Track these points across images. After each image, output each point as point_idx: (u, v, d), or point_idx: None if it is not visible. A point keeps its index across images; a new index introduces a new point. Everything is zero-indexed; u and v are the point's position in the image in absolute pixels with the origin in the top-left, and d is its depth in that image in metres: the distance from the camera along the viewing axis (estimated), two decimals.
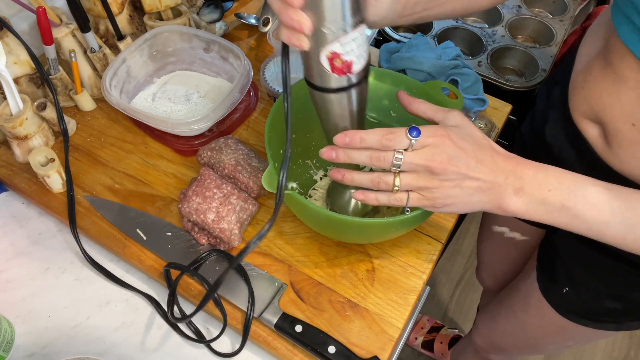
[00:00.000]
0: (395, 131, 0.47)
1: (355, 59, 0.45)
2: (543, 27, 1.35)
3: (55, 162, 0.67)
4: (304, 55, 0.46)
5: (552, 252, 0.72)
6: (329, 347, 0.55)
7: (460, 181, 0.47)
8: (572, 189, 0.47)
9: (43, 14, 0.67)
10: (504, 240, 0.92)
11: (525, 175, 0.47)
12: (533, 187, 0.47)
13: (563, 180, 0.47)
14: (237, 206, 0.63)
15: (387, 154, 0.47)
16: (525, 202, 0.47)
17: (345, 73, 0.45)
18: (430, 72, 0.80)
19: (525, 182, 0.47)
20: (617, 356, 1.53)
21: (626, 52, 0.47)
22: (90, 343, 0.59)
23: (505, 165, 0.48)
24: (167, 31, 0.78)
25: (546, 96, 0.69)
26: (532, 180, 0.47)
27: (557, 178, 0.47)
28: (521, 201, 0.47)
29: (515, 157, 0.49)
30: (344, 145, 0.49)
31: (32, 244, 0.67)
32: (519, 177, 0.47)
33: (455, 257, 1.72)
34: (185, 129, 0.68)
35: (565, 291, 0.69)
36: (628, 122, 0.50)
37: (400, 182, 0.48)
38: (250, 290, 0.59)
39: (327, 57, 0.44)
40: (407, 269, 0.64)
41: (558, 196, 0.47)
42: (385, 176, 0.49)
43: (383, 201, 0.50)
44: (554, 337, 0.77)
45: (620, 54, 0.49)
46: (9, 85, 0.65)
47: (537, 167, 0.48)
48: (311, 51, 0.44)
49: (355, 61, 0.45)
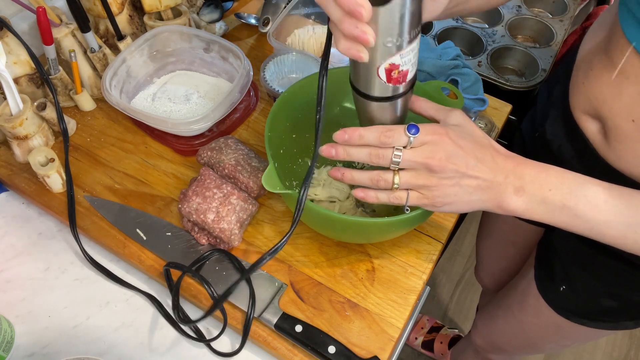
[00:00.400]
0: (394, 128, 0.48)
1: (410, 67, 0.44)
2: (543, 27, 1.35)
3: (55, 162, 0.67)
4: (358, 65, 0.44)
5: (550, 251, 0.72)
6: (329, 347, 0.55)
7: (460, 179, 0.47)
8: (573, 189, 0.47)
9: (43, 14, 0.67)
10: (503, 239, 0.92)
11: (526, 175, 0.47)
12: (534, 187, 0.47)
13: (564, 180, 0.47)
14: (237, 206, 0.63)
15: (386, 151, 0.47)
16: (526, 201, 0.47)
17: (400, 82, 0.45)
18: (430, 72, 0.80)
19: (526, 182, 0.47)
20: (617, 356, 1.53)
21: (629, 48, 0.47)
22: (90, 343, 0.59)
23: (506, 164, 0.48)
24: (167, 31, 0.78)
25: (547, 95, 0.69)
26: (532, 180, 0.47)
27: (559, 178, 0.47)
28: (521, 200, 0.47)
29: (516, 157, 0.49)
30: (343, 142, 0.49)
31: (32, 244, 0.67)
32: (520, 177, 0.47)
33: (455, 257, 1.72)
34: (185, 129, 0.68)
35: (562, 290, 0.69)
36: (628, 118, 0.50)
37: (400, 179, 0.48)
38: (251, 290, 0.59)
39: (386, 69, 0.43)
40: (407, 269, 0.64)
41: (559, 196, 0.47)
42: (384, 174, 0.49)
43: (383, 199, 0.50)
44: (551, 336, 0.77)
45: (623, 50, 0.49)
46: (9, 85, 0.65)
47: (538, 167, 0.48)
48: (368, 62, 0.42)
49: (411, 70, 0.44)
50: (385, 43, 0.40)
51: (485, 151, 0.48)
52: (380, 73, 0.43)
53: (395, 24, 0.39)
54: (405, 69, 0.43)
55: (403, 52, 0.41)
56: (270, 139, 0.58)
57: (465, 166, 0.47)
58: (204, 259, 0.61)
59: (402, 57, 0.42)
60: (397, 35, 0.40)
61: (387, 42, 0.40)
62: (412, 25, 0.40)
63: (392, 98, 0.46)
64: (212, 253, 0.62)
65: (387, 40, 0.40)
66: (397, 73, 0.43)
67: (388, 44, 0.40)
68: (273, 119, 0.60)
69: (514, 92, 1.18)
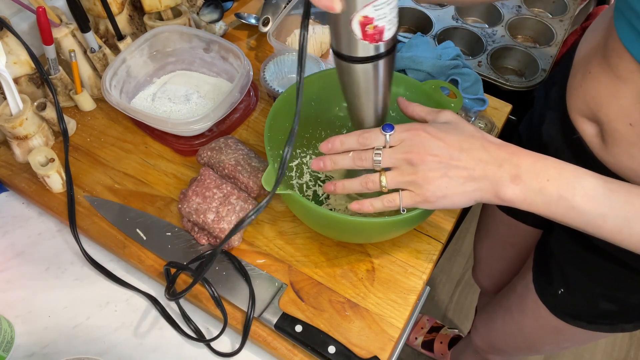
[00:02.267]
0: (371, 130, 0.51)
1: (387, 24, 0.43)
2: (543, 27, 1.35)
3: (55, 162, 0.67)
4: (333, 21, 0.44)
5: (548, 254, 0.72)
6: (329, 347, 0.55)
7: (446, 170, 0.48)
8: (570, 180, 0.46)
9: (43, 14, 0.67)
10: (501, 241, 0.92)
11: (522, 164, 0.47)
12: (530, 175, 0.47)
13: (562, 171, 0.47)
14: (237, 206, 0.63)
15: (366, 153, 0.50)
16: (523, 190, 0.47)
17: (377, 40, 0.44)
18: (430, 72, 0.80)
19: (523, 170, 0.47)
20: (617, 356, 1.53)
21: (625, 53, 0.47)
22: (90, 343, 0.59)
23: (499, 153, 0.48)
24: (167, 31, 0.78)
25: (544, 96, 0.69)
26: (529, 169, 0.47)
27: (556, 168, 0.47)
28: (519, 189, 0.47)
29: (511, 146, 0.49)
30: (328, 151, 0.52)
31: (32, 244, 0.67)
32: (516, 165, 0.47)
33: (455, 257, 1.72)
34: (185, 129, 0.68)
35: (560, 293, 0.69)
36: (625, 121, 0.50)
37: (386, 178, 0.50)
38: (251, 290, 0.59)
39: (359, 22, 0.42)
40: (407, 269, 0.64)
41: (556, 186, 0.46)
42: (371, 176, 0.51)
43: (378, 206, 0.51)
44: (550, 338, 0.77)
45: (619, 54, 0.49)
46: (9, 85, 0.65)
47: (535, 156, 0.48)
48: (342, 15, 0.42)
49: (387, 27, 0.44)
50: None
51: (474, 142, 0.48)
52: (354, 27, 0.43)
53: None
54: (380, 25, 0.43)
55: (376, 2, 0.41)
56: (270, 139, 0.58)
57: (449, 157, 0.47)
58: (203, 258, 0.61)
59: (376, 8, 0.41)
60: None
61: None
62: None
63: (372, 59, 0.46)
64: None
65: None
66: (373, 28, 0.43)
67: None
68: (273, 119, 0.60)
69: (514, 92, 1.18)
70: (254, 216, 0.48)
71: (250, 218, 0.48)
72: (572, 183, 0.46)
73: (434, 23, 1.30)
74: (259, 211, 0.48)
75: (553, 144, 0.64)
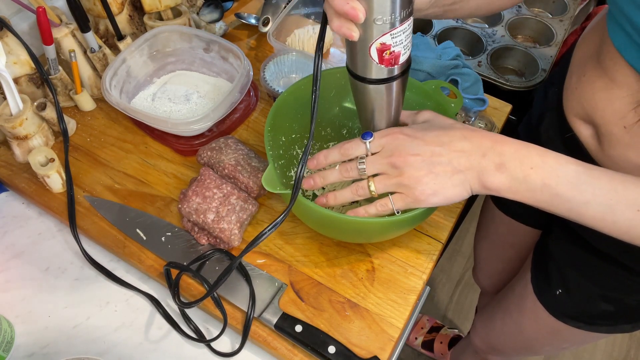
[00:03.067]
0: (351, 140, 0.53)
1: (403, 49, 0.45)
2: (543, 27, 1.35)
3: (55, 162, 0.67)
4: (351, 45, 0.46)
5: (546, 255, 0.72)
6: (329, 347, 0.55)
7: (430, 167, 0.48)
8: (554, 168, 0.46)
9: (43, 14, 0.67)
10: (500, 241, 0.92)
11: (506, 152, 0.47)
12: (514, 163, 0.47)
13: (545, 159, 0.47)
14: (237, 206, 0.63)
15: (351, 163, 0.52)
16: (508, 178, 0.47)
17: (392, 65, 0.46)
18: (430, 72, 0.80)
19: (507, 158, 0.47)
20: (617, 356, 1.53)
21: (619, 57, 0.48)
22: (90, 343, 0.59)
23: (482, 141, 0.48)
24: (167, 31, 0.78)
25: (543, 97, 0.69)
26: (513, 156, 0.47)
27: (540, 156, 0.47)
28: (504, 177, 0.47)
29: (495, 135, 0.49)
30: (314, 167, 0.55)
31: (32, 244, 0.67)
32: (499, 154, 0.47)
33: (455, 257, 1.72)
34: (185, 129, 0.68)
35: (558, 293, 0.69)
36: (620, 124, 0.50)
37: (375, 184, 0.51)
38: (251, 290, 0.59)
39: (377, 49, 0.44)
40: (407, 269, 0.64)
41: (540, 174, 0.46)
42: (360, 182, 0.52)
43: (372, 212, 0.53)
44: (549, 339, 0.77)
45: (613, 58, 0.49)
46: (9, 85, 0.65)
47: (517, 144, 0.48)
48: (359, 42, 0.44)
49: (403, 52, 0.45)
50: (375, 21, 0.41)
51: (454, 133, 0.49)
52: (372, 53, 0.44)
53: (386, 1, 0.40)
54: (397, 51, 0.44)
55: (394, 31, 0.43)
56: (270, 139, 0.58)
57: (430, 154, 0.48)
58: (204, 258, 0.61)
59: (393, 37, 0.43)
60: (387, 13, 0.41)
61: (378, 19, 0.41)
62: (403, 4, 0.41)
63: (387, 80, 0.47)
64: (212, 253, 0.62)
65: (378, 18, 0.41)
66: (389, 54, 0.44)
67: (378, 22, 0.42)
68: (273, 119, 0.60)
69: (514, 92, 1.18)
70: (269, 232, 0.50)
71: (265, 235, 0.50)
72: (555, 170, 0.46)
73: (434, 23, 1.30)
74: (276, 227, 0.50)
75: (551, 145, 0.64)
